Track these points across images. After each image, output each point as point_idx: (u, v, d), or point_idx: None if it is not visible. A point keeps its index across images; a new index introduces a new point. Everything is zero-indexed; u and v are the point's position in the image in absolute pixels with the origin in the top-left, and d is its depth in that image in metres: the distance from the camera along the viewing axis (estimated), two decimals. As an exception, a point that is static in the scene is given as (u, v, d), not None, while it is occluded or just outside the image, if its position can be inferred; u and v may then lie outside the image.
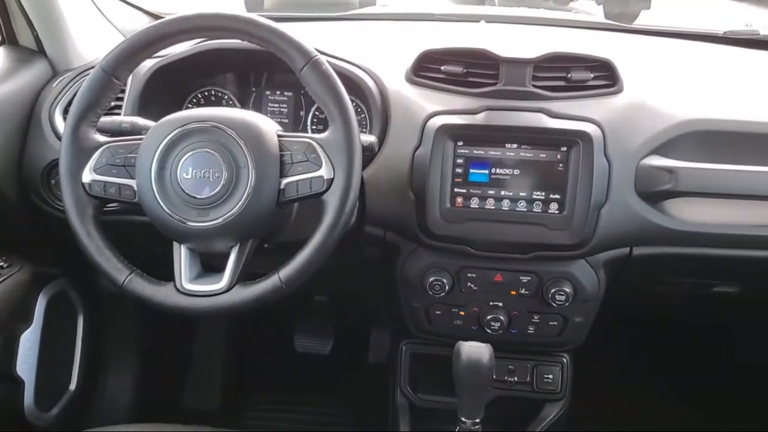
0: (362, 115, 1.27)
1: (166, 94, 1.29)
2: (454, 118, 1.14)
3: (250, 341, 2.05)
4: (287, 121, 1.35)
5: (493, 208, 1.14)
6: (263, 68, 1.34)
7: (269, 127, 1.00)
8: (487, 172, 1.14)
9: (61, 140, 1.02)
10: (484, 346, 1.08)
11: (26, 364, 1.41)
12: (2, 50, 1.36)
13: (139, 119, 1.12)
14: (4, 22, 1.37)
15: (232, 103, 1.36)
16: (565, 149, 1.12)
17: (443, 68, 1.19)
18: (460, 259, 1.19)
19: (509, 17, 1.79)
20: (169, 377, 1.90)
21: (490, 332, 1.22)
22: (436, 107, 1.16)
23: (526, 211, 1.14)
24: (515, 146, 1.13)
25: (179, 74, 1.29)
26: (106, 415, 1.69)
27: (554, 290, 1.18)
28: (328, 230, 0.96)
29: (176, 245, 1.00)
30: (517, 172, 1.13)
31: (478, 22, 1.65)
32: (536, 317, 1.24)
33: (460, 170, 1.14)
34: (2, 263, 1.33)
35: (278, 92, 1.35)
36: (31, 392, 1.43)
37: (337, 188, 0.95)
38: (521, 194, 1.14)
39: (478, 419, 1.10)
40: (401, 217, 1.17)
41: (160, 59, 1.25)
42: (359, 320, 2.00)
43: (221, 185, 0.95)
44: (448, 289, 1.20)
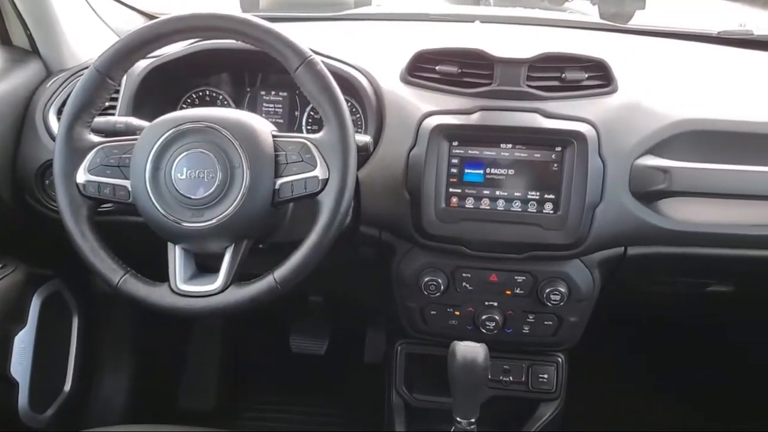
0: (357, 115, 1.27)
1: (160, 94, 1.29)
2: (449, 118, 1.14)
3: (245, 342, 2.05)
4: (282, 121, 1.34)
5: (488, 208, 1.14)
6: (258, 68, 1.34)
7: (264, 127, 0.99)
8: (482, 172, 1.14)
9: (55, 141, 1.01)
10: (479, 345, 1.08)
11: (20, 365, 1.40)
12: (-4, 50, 1.36)
13: (133, 119, 1.12)
14: (-3, 22, 1.37)
15: (226, 103, 1.35)
16: (559, 149, 1.12)
17: (438, 68, 1.19)
18: (455, 259, 1.19)
19: (504, 17, 1.79)
20: (164, 378, 1.90)
21: (485, 332, 1.23)
22: (430, 107, 1.17)
23: (521, 211, 1.14)
24: (510, 146, 1.13)
25: (174, 74, 1.29)
26: (101, 416, 1.68)
27: (549, 290, 1.18)
28: (323, 230, 0.95)
29: (171, 246, 1.00)
30: (511, 172, 1.14)
31: (473, 22, 1.65)
32: (531, 317, 1.24)
33: (455, 170, 1.14)
34: (-4, 264, 1.33)
35: (273, 92, 1.35)
36: (25, 393, 1.42)
37: (332, 188, 0.95)
38: (516, 194, 1.14)
39: (473, 419, 1.09)
40: (396, 217, 1.17)
41: (154, 59, 1.25)
42: (355, 320, 2.00)
43: (216, 186, 0.95)
44: (443, 289, 1.20)
